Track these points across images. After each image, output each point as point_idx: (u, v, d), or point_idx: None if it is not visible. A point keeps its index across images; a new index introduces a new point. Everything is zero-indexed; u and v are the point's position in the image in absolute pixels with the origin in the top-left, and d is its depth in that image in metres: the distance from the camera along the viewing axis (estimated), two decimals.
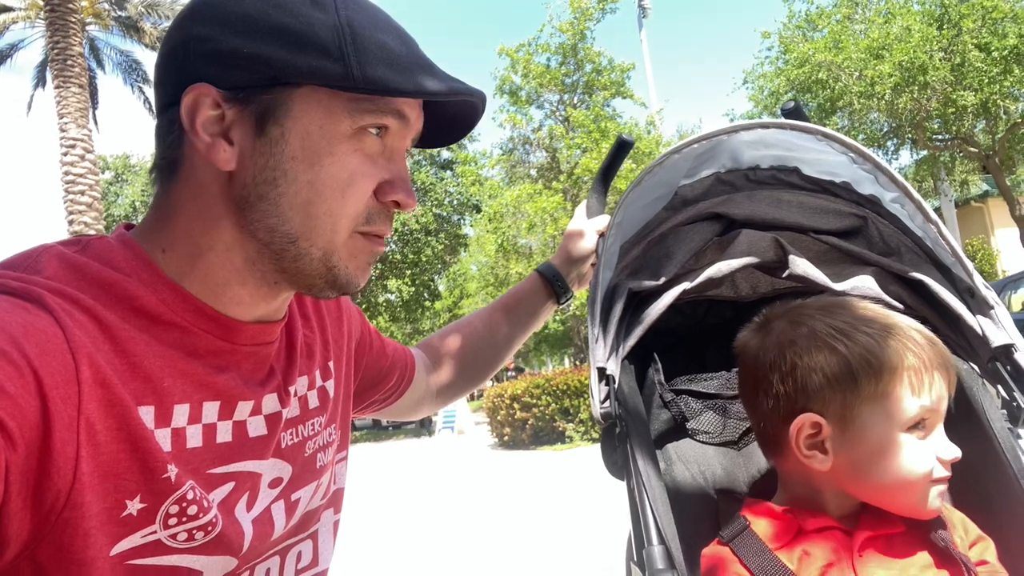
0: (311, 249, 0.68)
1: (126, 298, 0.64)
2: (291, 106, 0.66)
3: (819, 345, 0.85)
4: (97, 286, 0.63)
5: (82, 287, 0.62)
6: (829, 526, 0.84)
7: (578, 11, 17.10)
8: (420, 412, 1.19)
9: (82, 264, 0.64)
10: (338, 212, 0.68)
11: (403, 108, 0.70)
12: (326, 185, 0.67)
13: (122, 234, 0.71)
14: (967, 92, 13.39)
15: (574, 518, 5.96)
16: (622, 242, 1.09)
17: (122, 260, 0.66)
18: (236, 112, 0.66)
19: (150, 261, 0.67)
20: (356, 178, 0.68)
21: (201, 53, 0.66)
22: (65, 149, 13.73)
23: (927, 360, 0.82)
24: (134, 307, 0.64)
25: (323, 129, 0.66)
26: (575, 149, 16.78)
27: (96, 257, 0.65)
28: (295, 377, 0.80)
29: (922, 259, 1.02)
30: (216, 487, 0.68)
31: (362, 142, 0.68)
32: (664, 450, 1.07)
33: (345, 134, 0.67)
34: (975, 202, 22.79)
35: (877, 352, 0.82)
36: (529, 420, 13.12)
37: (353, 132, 0.67)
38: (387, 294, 24.57)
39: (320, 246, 0.68)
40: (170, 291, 0.67)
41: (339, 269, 0.70)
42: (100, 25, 19.38)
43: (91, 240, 0.68)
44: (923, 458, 0.80)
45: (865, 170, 1.01)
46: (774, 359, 0.88)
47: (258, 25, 0.65)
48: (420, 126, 0.75)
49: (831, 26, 15.39)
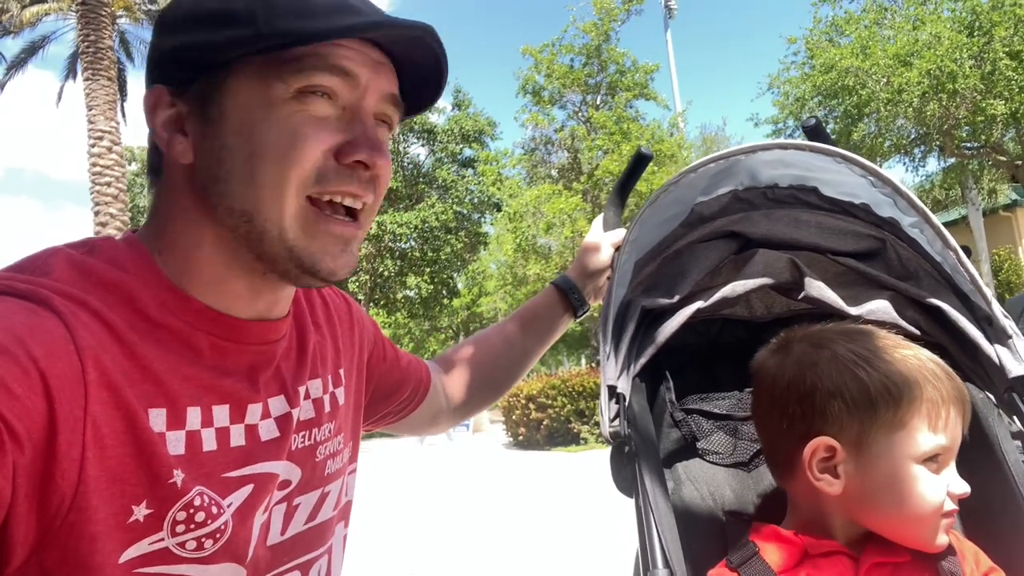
0: (266, 224, 0.67)
1: (130, 299, 0.65)
2: (227, 84, 0.67)
3: (840, 369, 0.84)
4: (104, 288, 0.64)
5: (89, 289, 0.63)
6: (835, 551, 0.83)
7: (602, 12, 17.04)
8: (437, 427, 1.19)
9: (89, 266, 0.65)
10: (281, 176, 0.66)
11: (343, 63, 0.68)
12: (267, 151, 0.66)
13: (129, 235, 0.72)
14: (997, 101, 13.15)
15: (587, 520, 5.95)
16: (637, 258, 1.08)
17: (127, 261, 0.68)
18: (184, 105, 0.69)
19: (152, 262, 0.69)
20: (298, 140, 0.66)
21: (154, 60, 0.72)
22: (93, 141, 13.96)
23: (945, 394, 0.81)
24: (137, 309, 0.65)
25: (259, 98, 0.67)
26: (596, 150, 16.73)
27: (103, 258, 0.67)
28: (305, 378, 0.81)
29: (940, 285, 1.01)
30: (233, 491, 0.68)
31: (305, 104, 0.67)
32: (673, 469, 1.07)
33: (282, 98, 0.66)
34: (1003, 211, 22.38)
35: (898, 381, 0.81)
36: (544, 421, 13.13)
37: (293, 95, 0.67)
38: (406, 290, 24.65)
39: (272, 219, 0.67)
40: (170, 292, 0.68)
41: (300, 249, 0.68)
42: (130, 19, 19.60)
43: (98, 242, 0.70)
44: (934, 492, 0.79)
45: (884, 193, 1.00)
46: (792, 380, 0.88)
47: (188, 18, 0.69)
48: (385, 85, 0.73)
49: (858, 32, 15.19)
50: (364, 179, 0.71)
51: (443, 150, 24.98)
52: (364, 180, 0.71)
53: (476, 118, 25.23)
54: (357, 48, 0.69)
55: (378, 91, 0.72)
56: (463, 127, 24.73)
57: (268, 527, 0.75)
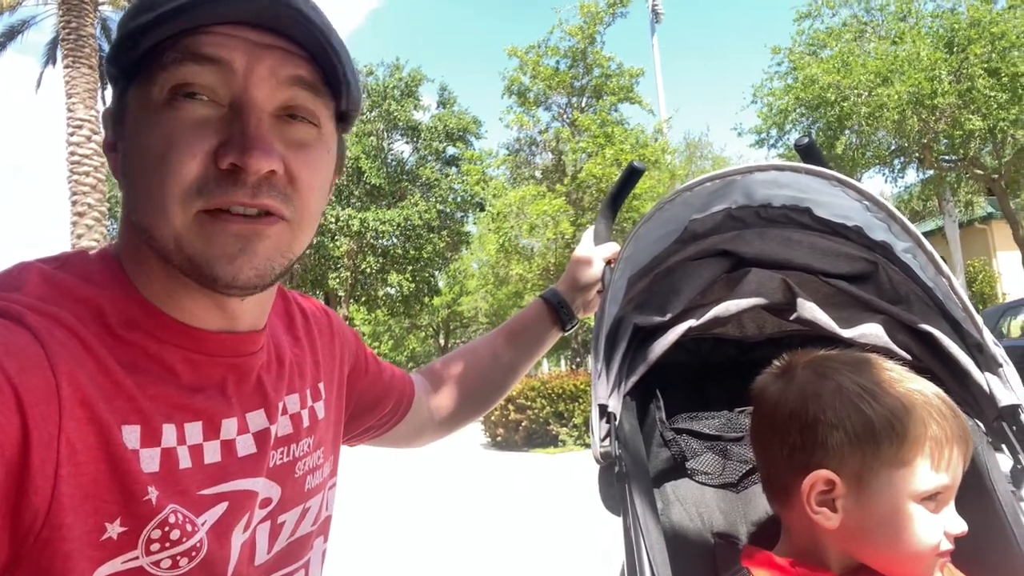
0: (162, 238, 0.64)
1: (100, 315, 0.63)
2: (128, 102, 0.67)
3: (844, 402, 0.83)
4: (76, 303, 0.62)
5: (62, 304, 0.61)
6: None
7: (588, 15, 17.08)
8: (421, 440, 1.17)
9: (60, 281, 0.64)
10: (161, 188, 0.62)
11: (204, 50, 0.63)
12: (148, 160, 0.64)
13: (104, 249, 0.71)
14: (975, 116, 13.37)
15: (564, 522, 5.96)
16: (630, 275, 1.08)
17: (99, 275, 0.66)
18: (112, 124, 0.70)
19: (122, 274, 0.67)
20: (171, 146, 0.62)
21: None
22: (72, 129, 13.73)
23: (949, 432, 0.81)
24: (107, 324, 0.63)
25: (140, 109, 0.65)
26: (580, 153, 16.76)
27: (74, 273, 0.65)
28: (283, 393, 0.79)
29: (932, 310, 1.02)
30: (207, 509, 0.66)
31: (177, 107, 0.63)
32: (662, 489, 1.06)
33: (158, 104, 0.63)
34: (979, 224, 22.79)
35: (903, 418, 0.81)
36: (523, 422, 13.12)
37: (166, 100, 0.63)
38: (387, 288, 24.57)
39: (165, 233, 0.63)
40: (138, 306, 0.66)
41: (199, 259, 0.63)
42: (113, 6, 19.33)
43: (70, 256, 0.68)
44: (931, 531, 0.79)
45: (878, 218, 1.00)
46: (795, 409, 0.87)
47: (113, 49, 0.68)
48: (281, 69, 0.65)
49: (840, 47, 15.39)
50: (252, 184, 0.63)
51: (427, 148, 24.94)
52: (254, 185, 0.63)
53: (461, 116, 25.21)
54: (230, 32, 0.63)
55: (267, 77, 0.64)
56: (448, 125, 24.70)
57: (254, 546, 0.73)
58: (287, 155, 0.66)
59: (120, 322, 0.64)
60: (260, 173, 0.63)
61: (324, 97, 0.69)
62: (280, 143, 0.65)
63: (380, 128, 24.37)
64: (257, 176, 0.63)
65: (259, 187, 0.64)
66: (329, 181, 0.75)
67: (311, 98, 0.68)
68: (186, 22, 0.62)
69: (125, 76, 0.67)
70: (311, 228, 0.71)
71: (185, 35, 0.62)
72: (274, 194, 0.65)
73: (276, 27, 0.65)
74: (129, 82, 0.67)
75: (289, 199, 0.66)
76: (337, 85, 0.69)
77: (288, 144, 0.66)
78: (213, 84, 0.63)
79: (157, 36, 0.62)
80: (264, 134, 0.64)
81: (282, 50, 0.65)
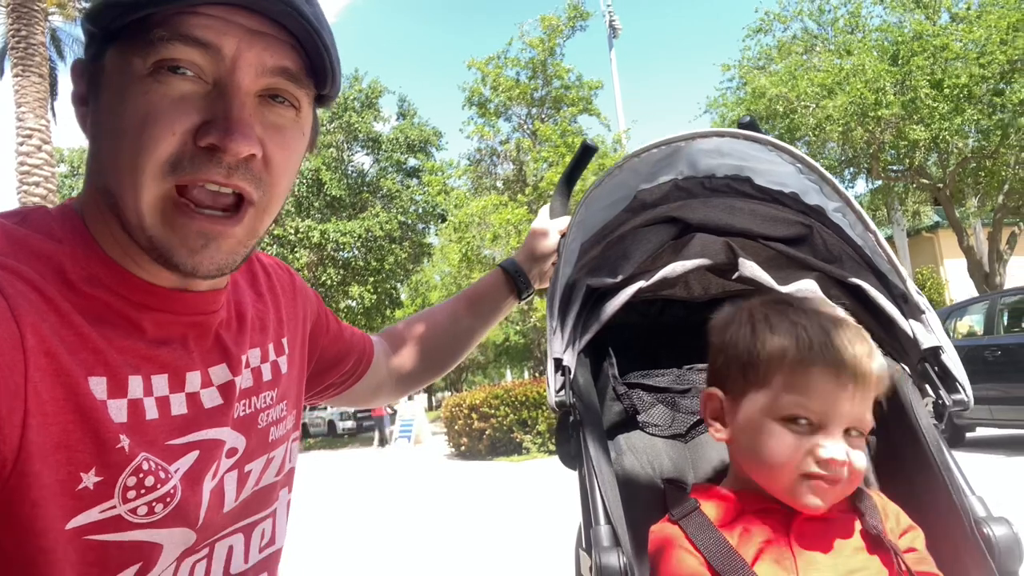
0: (125, 209, 0.65)
1: (61, 271, 0.63)
2: (105, 63, 0.67)
3: (736, 330, 0.93)
4: (37, 258, 0.63)
5: (22, 259, 0.61)
6: (770, 508, 0.88)
7: (549, 27, 17.31)
8: (378, 399, 1.21)
9: (22, 236, 0.64)
10: (135, 158, 0.63)
11: (196, 33, 0.63)
12: (125, 130, 0.64)
13: (65, 204, 0.72)
14: (918, 127, 13.86)
15: (528, 529, 5.97)
16: (582, 240, 1.13)
17: (59, 231, 0.67)
18: (83, 81, 0.70)
19: (84, 230, 0.68)
20: (150, 120, 0.63)
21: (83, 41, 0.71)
22: (21, 139, 13.40)
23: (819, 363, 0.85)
24: (68, 280, 0.64)
25: (121, 74, 0.65)
26: (541, 163, 16.92)
27: (35, 228, 0.66)
28: (246, 347, 0.81)
29: (861, 266, 1.09)
30: (178, 457, 0.68)
31: (161, 82, 0.63)
32: (615, 441, 1.12)
33: (139, 75, 0.63)
34: (926, 233, 23.55)
35: (767, 344, 0.89)
36: (487, 430, 13.12)
37: (149, 72, 0.63)
38: (348, 300, 24.36)
39: (130, 205, 0.64)
40: (99, 262, 0.67)
41: (157, 239, 0.65)
42: (64, 16, 18.93)
43: (31, 211, 0.69)
44: (789, 450, 0.85)
45: (811, 180, 1.07)
46: (713, 336, 0.98)
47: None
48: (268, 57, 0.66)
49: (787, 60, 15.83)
50: (229, 164, 0.65)
51: (388, 159, 24.89)
52: (230, 166, 0.65)
53: (422, 128, 25.23)
54: (222, 16, 0.64)
55: (254, 64, 0.66)
56: (408, 136, 24.70)
57: (222, 494, 0.75)
58: (264, 137, 0.67)
59: (82, 278, 0.65)
60: (239, 156, 0.65)
61: (307, 86, 0.70)
62: (259, 126, 0.67)
63: (340, 139, 24.25)
64: (236, 158, 0.65)
65: (235, 168, 0.65)
66: (300, 161, 0.77)
67: (294, 86, 0.69)
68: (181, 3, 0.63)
69: (104, 36, 0.66)
70: (277, 208, 0.74)
71: (176, 13, 0.62)
72: (249, 177, 0.66)
73: (267, 14, 0.65)
74: (107, 43, 0.66)
75: (261, 182, 0.68)
76: (323, 73, 0.70)
77: (266, 127, 0.68)
78: (200, 63, 0.64)
79: (147, 9, 0.62)
80: (247, 118, 0.65)
81: (271, 37, 0.66)
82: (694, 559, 0.85)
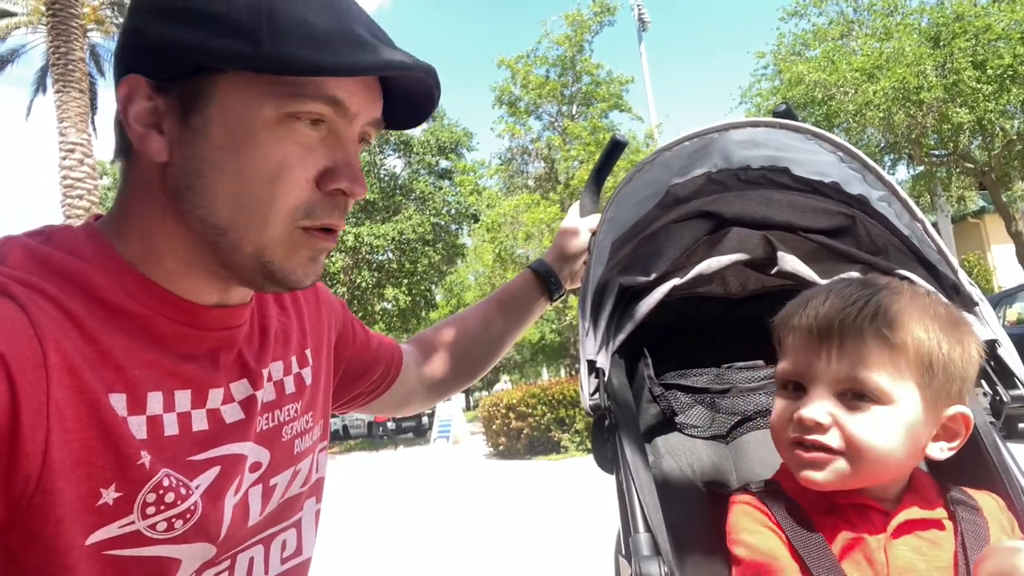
0: (242, 243, 0.66)
1: (88, 288, 0.63)
2: (214, 93, 0.64)
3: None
4: (60, 276, 0.63)
5: (46, 276, 0.61)
6: (867, 505, 0.81)
7: (575, 23, 17.22)
8: (410, 407, 1.19)
9: (45, 254, 0.64)
10: (268, 205, 0.65)
11: (336, 93, 0.66)
12: (252, 176, 0.65)
13: (88, 224, 0.71)
14: (962, 109, 13.46)
15: (568, 529, 5.94)
16: (613, 238, 1.10)
17: (85, 249, 0.66)
18: (165, 102, 0.66)
19: (112, 249, 0.67)
20: (285, 168, 0.65)
21: (133, 45, 0.67)
22: (64, 153, 13.76)
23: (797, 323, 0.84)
24: (96, 297, 0.63)
25: (245, 116, 0.64)
26: (572, 160, 16.85)
27: (60, 247, 0.66)
28: (267, 361, 0.81)
29: (908, 257, 1.04)
30: (200, 473, 0.68)
31: (291, 130, 0.65)
32: (653, 443, 1.08)
33: (270, 121, 0.64)
34: (972, 218, 22.88)
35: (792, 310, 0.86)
36: (524, 430, 13.11)
37: (279, 119, 0.65)
38: (384, 303, 24.56)
39: (251, 240, 0.66)
40: (131, 278, 0.67)
41: (274, 264, 0.68)
42: (102, 32, 19.46)
43: (55, 230, 0.69)
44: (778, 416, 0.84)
45: (853, 168, 1.03)
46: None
47: (182, 11, 0.64)
48: (373, 111, 0.72)
49: (825, 46, 15.50)
50: (343, 206, 0.71)
51: (420, 162, 25.01)
52: (343, 207, 0.71)
53: (452, 129, 25.31)
54: (355, 78, 0.68)
55: (367, 118, 0.71)
56: (439, 138, 24.79)
57: (247, 508, 0.75)
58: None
59: (111, 293, 0.65)
60: (360, 199, 0.72)
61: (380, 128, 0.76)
62: None
63: (372, 144, 24.41)
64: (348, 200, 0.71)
65: (346, 209, 0.72)
66: None
67: (375, 131, 0.75)
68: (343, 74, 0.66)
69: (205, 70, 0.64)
70: None
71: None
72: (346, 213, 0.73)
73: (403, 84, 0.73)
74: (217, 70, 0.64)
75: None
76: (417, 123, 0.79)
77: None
78: (327, 116, 0.67)
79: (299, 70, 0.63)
80: (359, 163, 0.71)
81: (378, 92, 0.72)
82: (776, 539, 0.80)
